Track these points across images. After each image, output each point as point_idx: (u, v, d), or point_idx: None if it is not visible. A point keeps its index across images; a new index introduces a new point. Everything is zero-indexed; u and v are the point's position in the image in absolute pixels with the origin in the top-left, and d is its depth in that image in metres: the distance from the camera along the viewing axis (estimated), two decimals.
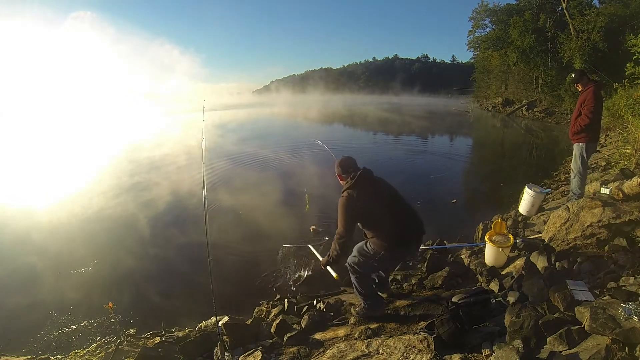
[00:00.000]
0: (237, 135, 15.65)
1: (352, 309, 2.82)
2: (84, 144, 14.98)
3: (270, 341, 2.63)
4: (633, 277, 2.20)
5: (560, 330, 1.73)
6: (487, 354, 1.82)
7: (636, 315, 1.55)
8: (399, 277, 3.56)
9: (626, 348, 1.50)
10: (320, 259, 2.79)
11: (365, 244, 2.50)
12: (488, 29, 29.92)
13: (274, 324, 2.73)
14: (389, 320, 2.61)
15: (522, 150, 12.75)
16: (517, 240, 3.40)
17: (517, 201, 5.09)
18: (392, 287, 3.12)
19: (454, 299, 2.26)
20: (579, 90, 4.08)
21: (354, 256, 2.55)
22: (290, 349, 2.46)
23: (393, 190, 2.49)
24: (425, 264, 3.54)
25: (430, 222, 5.23)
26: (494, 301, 2.42)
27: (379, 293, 2.83)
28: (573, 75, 4.16)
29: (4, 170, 9.68)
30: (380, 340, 2.19)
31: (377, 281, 2.86)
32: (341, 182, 2.49)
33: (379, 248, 2.38)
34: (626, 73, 7.92)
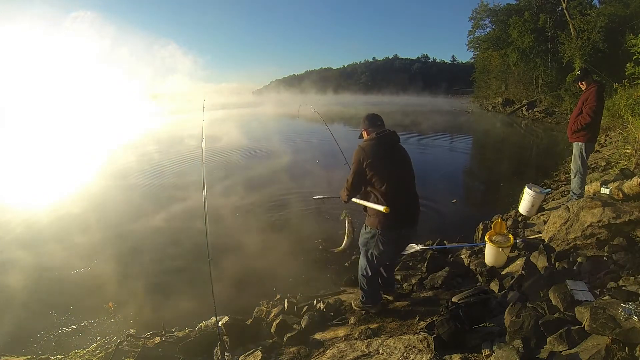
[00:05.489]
0: (240, 131, 15.73)
1: (352, 302, 2.91)
2: (84, 143, 14.98)
3: (270, 341, 2.63)
4: (633, 277, 2.20)
5: (560, 330, 1.73)
6: (487, 354, 1.82)
7: (636, 315, 1.55)
8: (399, 277, 3.56)
9: (626, 348, 1.50)
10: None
11: (364, 227, 2.50)
12: (488, 29, 30.01)
13: (274, 324, 2.73)
14: (389, 320, 2.62)
15: (522, 150, 12.76)
16: (517, 240, 3.40)
17: (517, 201, 5.09)
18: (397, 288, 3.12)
19: (454, 299, 2.26)
20: (582, 88, 4.08)
21: (362, 250, 2.57)
22: (290, 349, 2.46)
23: (408, 166, 2.42)
24: (425, 264, 3.54)
25: (430, 222, 5.32)
26: (494, 301, 2.42)
27: (384, 295, 2.86)
28: (578, 72, 4.16)
29: (6, 170, 9.68)
30: (380, 340, 2.19)
31: (382, 283, 2.85)
32: (365, 137, 2.45)
33: (372, 226, 2.36)
34: (626, 73, 7.94)
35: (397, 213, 2.27)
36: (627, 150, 6.05)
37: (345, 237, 3.13)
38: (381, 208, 2.19)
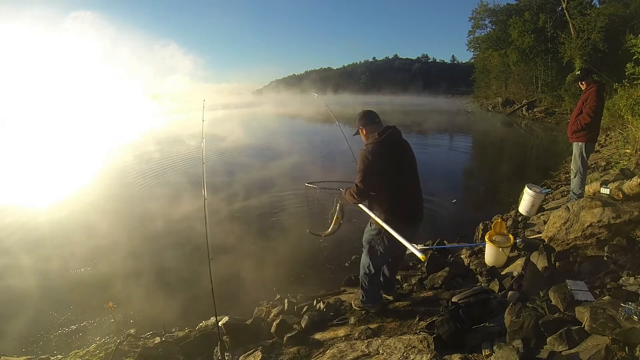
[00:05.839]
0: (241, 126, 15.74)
1: (352, 302, 2.92)
2: (84, 144, 14.99)
3: (270, 341, 2.63)
4: (633, 277, 2.20)
5: (560, 330, 1.73)
6: (487, 354, 1.82)
7: (636, 315, 1.55)
8: (399, 277, 3.56)
9: (626, 348, 1.50)
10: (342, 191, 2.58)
11: (369, 224, 2.49)
12: (488, 29, 29.97)
13: (274, 324, 2.73)
14: (389, 320, 2.62)
15: (522, 150, 12.76)
16: (517, 240, 3.40)
17: (517, 201, 5.09)
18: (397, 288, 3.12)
19: (454, 299, 2.26)
20: (582, 88, 4.09)
21: (365, 248, 2.55)
22: (290, 349, 2.46)
23: (413, 163, 2.39)
24: (425, 264, 3.54)
25: (430, 222, 5.32)
26: (494, 301, 2.42)
27: (384, 295, 2.87)
28: (578, 72, 4.17)
29: (6, 170, 9.69)
30: (380, 340, 2.19)
31: (383, 282, 2.85)
32: (364, 135, 2.39)
33: (377, 224, 2.35)
34: (626, 73, 7.92)
35: (402, 212, 2.28)
36: (627, 150, 6.05)
37: (333, 222, 2.97)
38: (419, 255, 1.93)
